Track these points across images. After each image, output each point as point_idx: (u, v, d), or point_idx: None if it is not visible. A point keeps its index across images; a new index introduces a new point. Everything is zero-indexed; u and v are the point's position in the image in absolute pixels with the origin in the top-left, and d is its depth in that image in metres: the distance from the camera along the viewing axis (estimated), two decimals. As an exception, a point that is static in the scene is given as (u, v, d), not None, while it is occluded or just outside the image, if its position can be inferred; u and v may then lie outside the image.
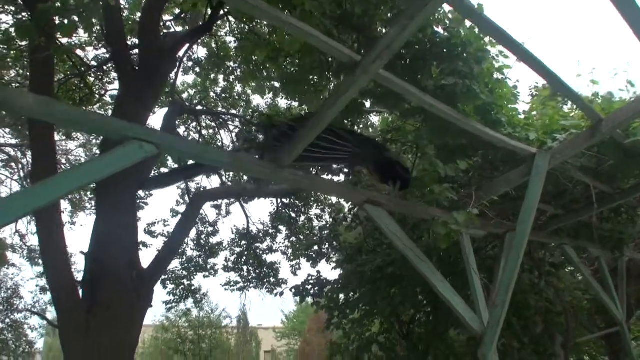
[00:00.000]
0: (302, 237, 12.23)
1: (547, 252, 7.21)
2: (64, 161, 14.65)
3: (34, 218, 5.28)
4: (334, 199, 11.56)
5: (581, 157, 4.71)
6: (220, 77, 11.42)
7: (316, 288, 7.06)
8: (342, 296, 7.12)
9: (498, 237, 6.13)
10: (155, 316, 21.77)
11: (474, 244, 5.31)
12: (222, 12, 7.33)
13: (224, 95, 12.25)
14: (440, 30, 4.16)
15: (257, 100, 12.75)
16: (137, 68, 6.07)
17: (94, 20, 4.31)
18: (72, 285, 4.73)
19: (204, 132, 11.48)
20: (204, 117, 11.76)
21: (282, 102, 11.94)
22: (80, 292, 4.92)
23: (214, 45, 10.98)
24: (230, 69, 11.31)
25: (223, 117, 11.92)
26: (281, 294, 7.61)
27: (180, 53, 7.32)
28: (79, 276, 5.40)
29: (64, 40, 5.81)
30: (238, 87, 12.44)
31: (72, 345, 4.67)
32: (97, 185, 5.33)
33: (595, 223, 6.45)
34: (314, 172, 5.08)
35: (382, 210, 4.32)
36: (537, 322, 6.48)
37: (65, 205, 12.86)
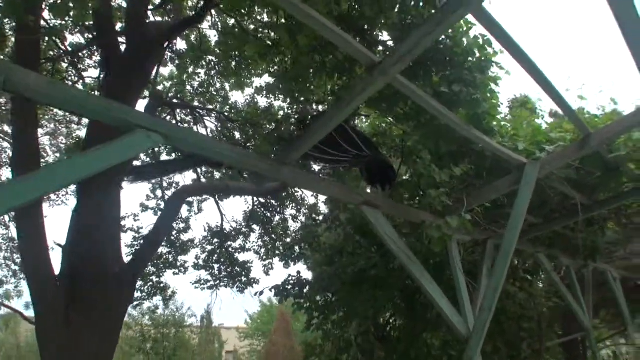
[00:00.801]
0: (274, 237, 12.17)
1: (520, 260, 7.45)
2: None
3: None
4: (310, 200, 11.59)
5: (567, 168, 4.89)
6: (201, 70, 11.22)
7: (297, 288, 6.99)
8: (319, 297, 7.11)
9: (478, 243, 6.32)
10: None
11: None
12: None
13: (201, 89, 12.04)
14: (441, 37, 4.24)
15: (235, 96, 12.59)
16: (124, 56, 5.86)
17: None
18: (52, 278, 4.49)
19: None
20: (179, 110, 11.48)
21: (262, 100, 11.89)
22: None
23: (192, 38, 10.80)
24: (212, 63, 11.13)
25: (199, 111, 11.70)
26: (260, 293, 7.47)
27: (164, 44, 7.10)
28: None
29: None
30: (216, 82, 12.28)
31: (51, 342, 4.44)
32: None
33: (569, 233, 6.74)
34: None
35: (378, 212, 4.35)
36: (511, 326, 6.68)
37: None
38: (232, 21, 10.19)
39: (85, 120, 9.93)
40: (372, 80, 2.98)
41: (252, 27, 10.28)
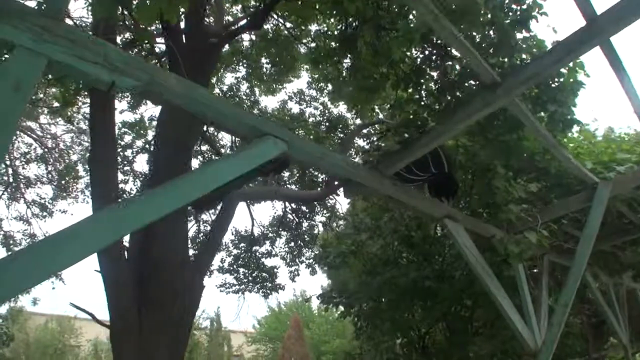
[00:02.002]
0: (302, 244, 12.20)
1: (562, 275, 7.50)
2: (50, 144, 14.17)
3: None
4: (343, 209, 11.63)
5: (637, 189, 4.96)
6: (229, 74, 11.39)
7: (342, 297, 7.03)
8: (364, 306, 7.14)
9: (532, 258, 6.38)
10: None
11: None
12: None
13: (230, 93, 12.13)
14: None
15: (265, 101, 12.67)
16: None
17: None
18: (128, 283, 4.51)
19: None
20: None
21: (295, 107, 11.98)
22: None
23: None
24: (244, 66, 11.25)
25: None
26: (307, 300, 7.51)
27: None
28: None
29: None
30: (244, 87, 12.38)
31: (124, 346, 4.45)
32: (152, 173, 5.17)
33: (613, 251, 6.82)
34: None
35: (459, 226, 4.41)
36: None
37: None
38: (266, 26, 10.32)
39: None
40: (493, 97, 3.04)
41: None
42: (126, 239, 5.21)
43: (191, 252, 7.35)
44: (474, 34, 4.22)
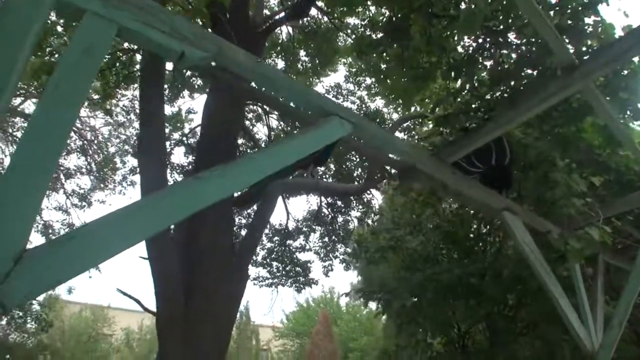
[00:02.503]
0: (336, 239, 12.11)
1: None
2: (90, 136, 14.57)
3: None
4: (377, 203, 11.48)
5: None
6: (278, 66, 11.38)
7: (381, 293, 6.90)
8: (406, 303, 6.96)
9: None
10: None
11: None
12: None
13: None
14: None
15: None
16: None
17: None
18: (175, 270, 4.50)
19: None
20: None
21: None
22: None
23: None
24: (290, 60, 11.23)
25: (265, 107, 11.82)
26: (347, 294, 7.41)
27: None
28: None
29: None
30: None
31: (170, 334, 4.45)
32: (198, 154, 5.16)
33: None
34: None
35: (518, 220, 4.21)
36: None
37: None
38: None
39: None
40: (570, 81, 2.86)
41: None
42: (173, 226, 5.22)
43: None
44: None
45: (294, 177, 7.26)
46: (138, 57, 10.63)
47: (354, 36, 9.70)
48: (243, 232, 10.72)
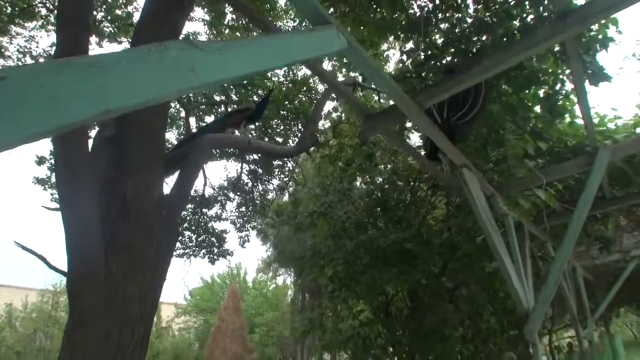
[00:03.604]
0: (254, 208, 11.63)
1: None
2: None
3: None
4: (300, 172, 11.16)
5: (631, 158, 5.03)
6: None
7: (313, 259, 6.66)
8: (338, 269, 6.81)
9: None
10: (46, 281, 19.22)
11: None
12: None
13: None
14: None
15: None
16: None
17: None
18: (94, 220, 3.75)
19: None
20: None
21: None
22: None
23: None
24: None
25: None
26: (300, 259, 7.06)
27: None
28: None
29: None
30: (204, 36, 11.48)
31: (87, 297, 3.72)
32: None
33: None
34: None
35: (474, 178, 4.17)
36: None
37: None
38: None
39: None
40: (562, 27, 2.75)
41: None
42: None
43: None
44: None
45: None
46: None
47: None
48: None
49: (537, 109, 5.34)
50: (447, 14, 5.39)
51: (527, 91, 5.08)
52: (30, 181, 9.71)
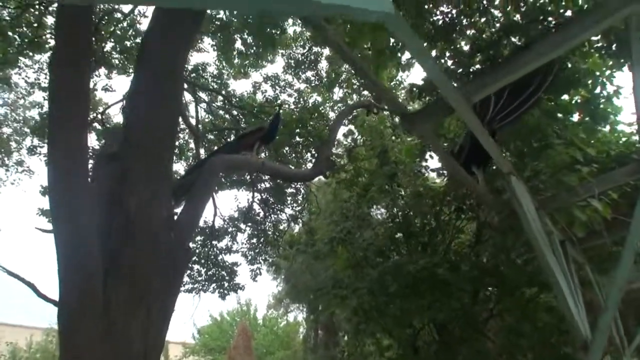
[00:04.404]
0: (265, 239, 11.10)
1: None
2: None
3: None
4: (317, 201, 10.67)
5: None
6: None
7: (335, 289, 6.09)
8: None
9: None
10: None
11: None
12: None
13: (193, 75, 11.03)
14: None
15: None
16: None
17: None
18: (93, 241, 3.29)
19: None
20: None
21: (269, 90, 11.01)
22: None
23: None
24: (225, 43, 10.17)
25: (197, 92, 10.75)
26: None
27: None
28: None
29: None
30: (211, 68, 11.36)
31: (81, 329, 3.22)
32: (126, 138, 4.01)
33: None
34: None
35: (523, 187, 3.68)
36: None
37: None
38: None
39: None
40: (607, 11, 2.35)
41: None
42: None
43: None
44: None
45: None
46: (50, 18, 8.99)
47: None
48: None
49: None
50: (473, 19, 5.07)
51: (565, 95, 4.68)
52: (35, 213, 9.33)
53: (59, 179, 3.24)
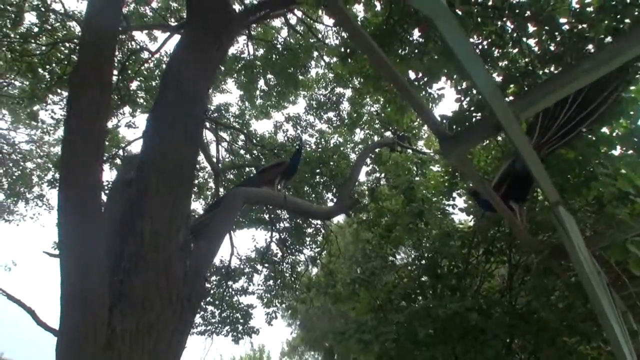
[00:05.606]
0: (281, 282, 10.72)
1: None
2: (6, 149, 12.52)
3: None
4: (336, 242, 10.32)
5: None
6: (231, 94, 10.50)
7: (359, 333, 5.65)
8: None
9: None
10: None
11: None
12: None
13: (216, 114, 11.14)
14: None
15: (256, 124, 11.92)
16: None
17: None
18: (101, 267, 3.05)
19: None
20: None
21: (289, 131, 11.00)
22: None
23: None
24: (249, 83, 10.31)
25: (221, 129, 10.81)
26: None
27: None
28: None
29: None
30: (233, 108, 11.49)
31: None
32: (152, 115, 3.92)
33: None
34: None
35: (572, 219, 3.34)
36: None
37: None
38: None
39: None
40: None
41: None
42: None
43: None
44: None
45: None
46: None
47: (326, 48, 9.09)
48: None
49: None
50: (505, 50, 4.92)
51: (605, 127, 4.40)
52: (51, 246, 9.21)
53: (67, 204, 3.04)
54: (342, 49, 6.20)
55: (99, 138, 3.13)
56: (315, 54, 10.23)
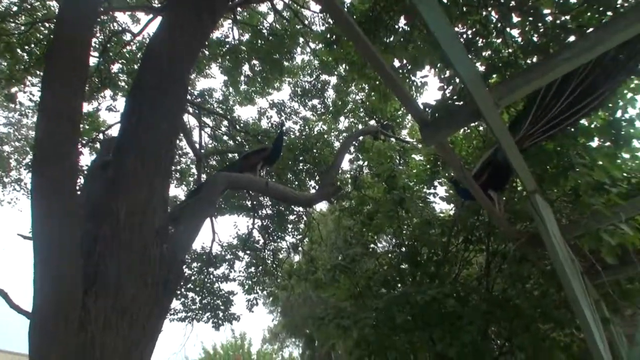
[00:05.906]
0: (262, 269, 10.71)
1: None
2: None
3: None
4: (318, 228, 10.35)
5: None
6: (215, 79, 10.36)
7: (338, 319, 5.68)
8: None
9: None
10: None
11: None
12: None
13: (199, 99, 10.99)
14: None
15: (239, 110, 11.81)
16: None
17: None
18: (74, 250, 2.98)
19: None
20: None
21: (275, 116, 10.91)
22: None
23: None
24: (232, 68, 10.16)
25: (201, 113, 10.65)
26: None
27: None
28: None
29: None
30: (217, 94, 11.35)
31: (55, 347, 2.86)
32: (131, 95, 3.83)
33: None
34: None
35: (549, 207, 3.39)
36: None
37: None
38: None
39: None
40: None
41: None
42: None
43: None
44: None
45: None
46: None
47: (312, 35, 9.01)
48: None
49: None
50: (489, 40, 4.93)
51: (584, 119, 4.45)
52: (28, 231, 8.98)
53: (41, 184, 2.95)
54: (328, 35, 6.15)
55: (74, 118, 3.04)
56: (301, 40, 10.12)
